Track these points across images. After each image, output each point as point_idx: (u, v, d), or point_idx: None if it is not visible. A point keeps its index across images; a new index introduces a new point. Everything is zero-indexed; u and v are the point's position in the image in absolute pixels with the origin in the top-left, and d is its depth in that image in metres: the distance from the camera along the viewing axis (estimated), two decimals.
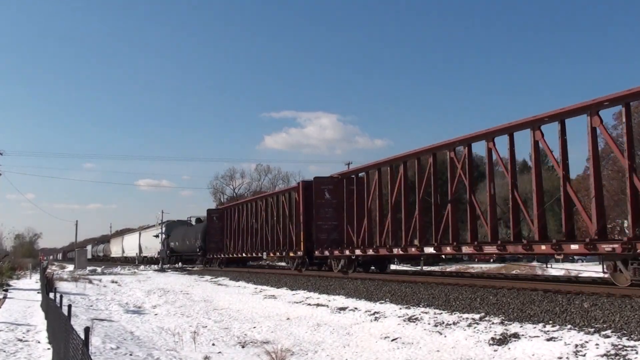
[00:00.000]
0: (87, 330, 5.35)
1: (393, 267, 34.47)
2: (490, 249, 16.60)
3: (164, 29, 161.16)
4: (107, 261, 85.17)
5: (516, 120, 16.33)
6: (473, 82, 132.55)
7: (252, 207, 37.14)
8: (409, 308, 14.80)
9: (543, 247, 14.70)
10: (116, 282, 33.34)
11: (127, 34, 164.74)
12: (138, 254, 68.96)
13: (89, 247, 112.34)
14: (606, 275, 15.41)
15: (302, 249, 27.28)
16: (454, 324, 12.32)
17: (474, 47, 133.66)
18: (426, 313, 13.84)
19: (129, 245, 76.06)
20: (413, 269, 33.37)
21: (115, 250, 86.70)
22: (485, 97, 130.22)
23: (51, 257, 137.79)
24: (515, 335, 10.55)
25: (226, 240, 41.41)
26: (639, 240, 12.34)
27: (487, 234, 17.37)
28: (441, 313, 13.61)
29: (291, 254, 29.07)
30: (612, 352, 8.71)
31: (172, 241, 55.20)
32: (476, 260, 44.80)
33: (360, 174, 25.28)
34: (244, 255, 37.91)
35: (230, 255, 40.32)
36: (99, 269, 51.08)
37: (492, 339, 10.66)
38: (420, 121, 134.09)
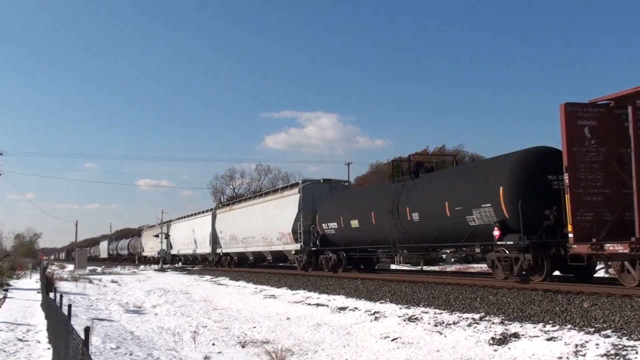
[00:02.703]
0: (87, 330, 5.35)
1: (392, 266, 34.50)
2: None
3: (164, 29, 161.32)
4: (135, 262, 68.49)
5: None
6: (473, 82, 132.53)
7: None
8: (409, 308, 14.79)
9: None
10: (116, 282, 33.37)
11: (127, 34, 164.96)
12: (212, 251, 42.21)
13: (103, 244, 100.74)
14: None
15: None
16: (454, 323, 12.32)
17: (474, 47, 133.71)
18: (426, 313, 13.83)
19: (181, 237, 50.18)
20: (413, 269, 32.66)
21: (151, 246, 62.99)
22: (486, 96, 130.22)
23: (52, 256, 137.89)
24: (515, 335, 10.55)
25: None
26: None
27: None
28: (441, 313, 13.60)
29: None
30: (612, 352, 8.70)
31: (328, 221, 24.74)
32: None
33: None
34: None
35: None
36: (99, 269, 51.16)
37: (492, 338, 10.66)
38: (420, 121, 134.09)
